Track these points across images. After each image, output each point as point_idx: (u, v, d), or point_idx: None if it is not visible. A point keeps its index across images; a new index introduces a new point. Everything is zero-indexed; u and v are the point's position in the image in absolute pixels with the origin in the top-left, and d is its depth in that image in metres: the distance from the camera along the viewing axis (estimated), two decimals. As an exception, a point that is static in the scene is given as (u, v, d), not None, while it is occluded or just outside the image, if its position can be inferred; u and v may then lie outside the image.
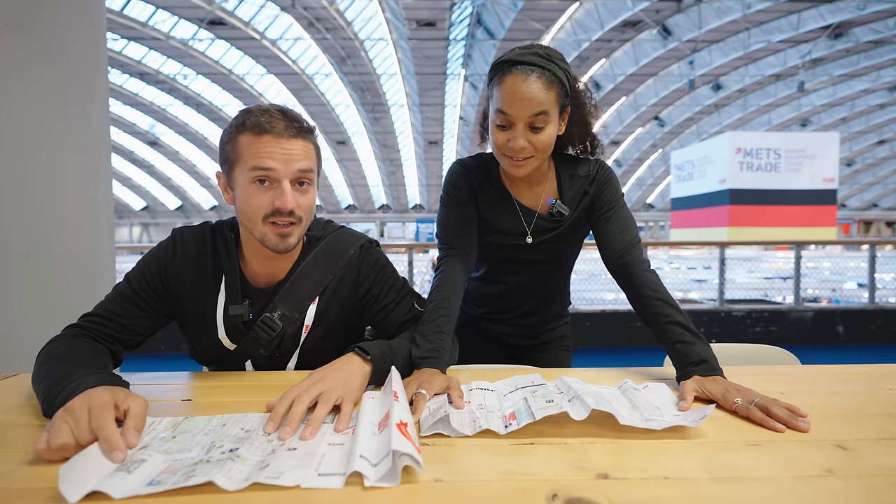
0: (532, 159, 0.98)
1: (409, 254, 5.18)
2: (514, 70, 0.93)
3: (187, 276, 0.94)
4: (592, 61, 17.86)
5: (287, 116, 0.86)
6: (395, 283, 1.03)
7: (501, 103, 0.94)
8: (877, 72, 18.37)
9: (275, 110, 0.86)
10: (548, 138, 0.96)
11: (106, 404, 0.61)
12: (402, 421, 0.59)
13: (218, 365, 1.01)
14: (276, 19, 15.90)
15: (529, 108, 0.92)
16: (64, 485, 0.48)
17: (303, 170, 0.86)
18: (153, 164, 27.95)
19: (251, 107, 0.87)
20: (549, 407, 0.69)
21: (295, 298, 0.95)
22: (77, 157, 1.65)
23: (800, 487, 0.52)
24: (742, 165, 11.29)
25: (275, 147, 0.83)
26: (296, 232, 0.88)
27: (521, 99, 0.92)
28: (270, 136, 0.83)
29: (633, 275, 0.99)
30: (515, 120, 0.94)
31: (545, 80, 0.93)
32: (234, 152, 0.86)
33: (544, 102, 0.93)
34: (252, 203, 0.85)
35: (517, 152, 0.95)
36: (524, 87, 0.92)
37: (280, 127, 0.84)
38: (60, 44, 1.59)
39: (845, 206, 32.20)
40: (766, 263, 10.30)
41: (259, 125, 0.83)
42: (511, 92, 0.92)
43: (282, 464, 0.54)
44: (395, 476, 0.53)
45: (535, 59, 0.94)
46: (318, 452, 0.58)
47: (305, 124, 0.88)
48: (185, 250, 0.95)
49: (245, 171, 0.84)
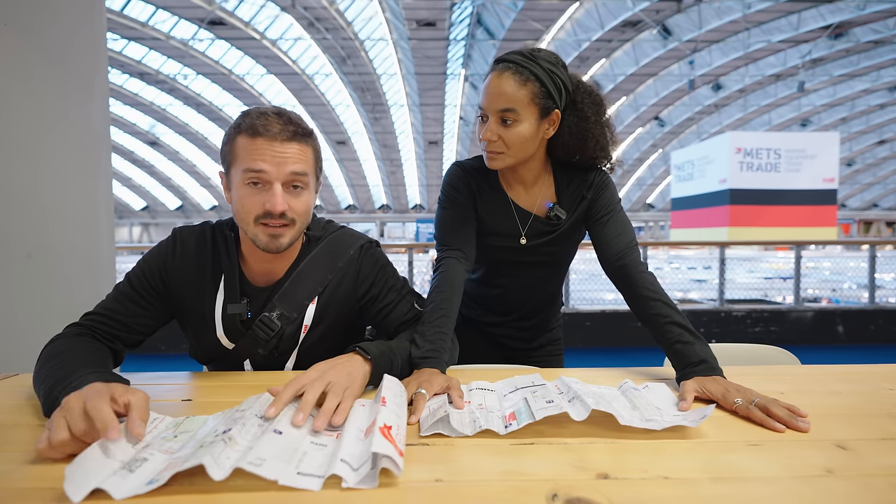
0: (504, 155, 1.00)
1: (409, 254, 5.19)
2: (495, 67, 0.98)
3: (187, 275, 0.95)
4: (592, 61, 17.86)
5: (283, 119, 0.86)
6: (395, 284, 1.03)
7: (480, 98, 1.00)
8: (877, 72, 18.37)
9: (272, 113, 0.86)
10: (516, 136, 0.97)
11: (100, 392, 0.61)
12: (387, 424, 0.59)
13: (217, 364, 1.02)
14: (276, 19, 15.90)
15: (497, 102, 0.96)
16: (69, 484, 0.48)
17: (296, 172, 0.85)
18: (153, 164, 27.95)
19: (250, 109, 0.88)
20: (550, 407, 0.69)
21: (294, 298, 0.95)
22: (77, 157, 1.65)
23: (800, 487, 0.53)
24: (742, 165, 11.29)
25: (267, 150, 0.84)
26: (288, 233, 0.88)
27: (491, 94, 0.97)
28: (264, 140, 0.84)
29: (630, 276, 0.99)
30: (488, 113, 0.98)
31: (519, 77, 0.96)
32: (231, 153, 0.87)
33: (513, 99, 0.95)
34: (244, 204, 0.86)
35: (488, 144, 0.99)
36: (496, 82, 0.96)
37: (275, 130, 0.84)
38: (60, 44, 1.59)
39: (845, 206, 32.19)
40: (766, 263, 10.29)
41: (253, 128, 0.84)
42: (486, 87, 0.99)
43: (265, 450, 0.54)
44: (373, 478, 0.52)
45: (516, 57, 0.97)
46: (301, 449, 0.58)
47: (302, 128, 0.88)
48: (185, 249, 0.96)
49: (239, 172, 0.86)
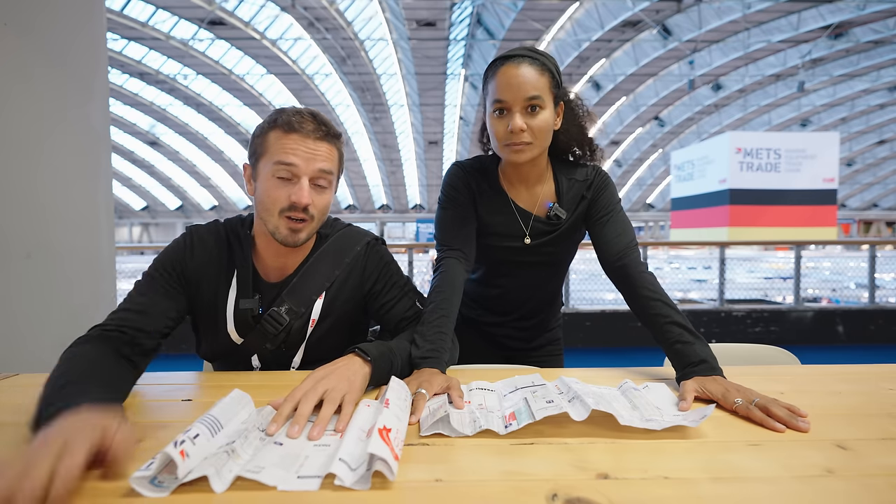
0: (531, 146, 0.99)
1: (409, 254, 5.18)
2: (507, 62, 0.97)
3: (202, 271, 0.97)
4: (592, 61, 17.85)
5: (317, 120, 0.91)
6: (398, 280, 1.06)
7: (497, 92, 0.97)
8: (877, 72, 18.37)
9: (307, 113, 0.92)
10: (543, 123, 0.98)
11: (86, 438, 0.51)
12: (386, 426, 0.59)
13: (225, 360, 1.03)
14: (276, 19, 15.89)
15: (524, 90, 0.95)
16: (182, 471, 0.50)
17: (323, 170, 0.90)
18: (153, 164, 27.95)
19: (286, 107, 0.94)
20: (550, 407, 0.69)
21: (302, 293, 0.97)
22: (77, 157, 1.65)
23: (800, 487, 0.53)
24: (742, 165, 11.28)
25: (300, 145, 0.88)
26: (306, 228, 0.91)
27: (515, 84, 0.95)
28: (298, 135, 0.88)
29: (631, 276, 0.99)
30: (511, 104, 0.96)
31: (537, 66, 0.97)
32: (263, 146, 0.91)
33: (538, 86, 0.96)
34: (271, 195, 0.89)
35: (516, 135, 0.97)
36: (517, 72, 0.96)
37: (309, 128, 0.89)
38: (60, 44, 1.59)
39: (845, 206, 32.19)
40: (766, 263, 10.30)
41: (289, 123, 0.89)
42: (505, 79, 0.96)
43: (264, 458, 0.55)
44: (366, 480, 0.52)
45: (524, 52, 0.99)
46: (303, 454, 0.58)
47: (333, 130, 0.93)
48: (202, 245, 0.98)
49: (269, 164, 0.89)
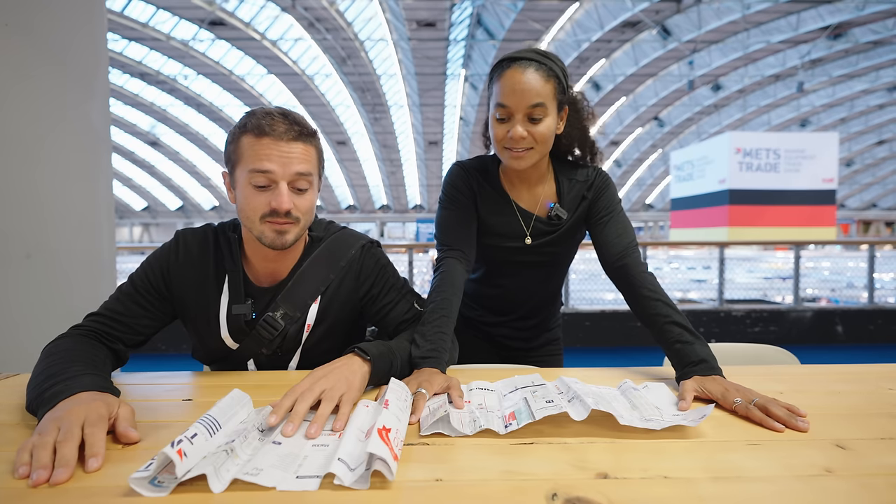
0: (532, 151, 0.98)
1: (409, 254, 5.19)
2: (512, 65, 0.96)
3: (190, 277, 0.95)
4: (592, 61, 17.85)
5: (288, 119, 0.87)
6: (395, 283, 1.04)
7: (501, 96, 0.96)
8: (876, 72, 18.37)
9: (277, 113, 0.87)
10: (546, 130, 0.97)
11: (101, 417, 0.61)
12: (386, 426, 0.59)
13: (220, 364, 1.02)
14: (276, 20, 15.89)
15: (527, 98, 0.94)
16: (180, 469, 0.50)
17: (300, 172, 0.87)
18: (154, 164, 27.92)
19: (255, 109, 0.89)
20: (549, 407, 0.69)
21: (297, 298, 0.96)
22: (77, 157, 1.65)
23: (799, 487, 0.53)
24: (741, 165, 11.28)
25: (273, 150, 0.84)
26: (293, 230, 0.89)
27: (518, 90, 0.94)
28: (270, 139, 0.84)
29: (631, 276, 0.99)
30: (514, 111, 0.95)
31: (543, 73, 0.95)
32: (237, 153, 0.87)
33: (542, 94, 0.95)
34: (250, 203, 0.87)
35: (516, 142, 0.97)
36: (522, 78, 0.94)
37: (280, 130, 0.85)
38: (60, 44, 1.59)
39: (844, 206, 32.19)
40: (766, 263, 10.28)
41: (259, 127, 0.85)
42: (510, 84, 0.95)
43: (263, 460, 0.55)
44: (365, 480, 0.52)
45: (532, 55, 0.97)
46: (301, 454, 0.58)
47: (306, 128, 0.88)
48: (188, 251, 0.96)
49: (245, 171, 0.86)
